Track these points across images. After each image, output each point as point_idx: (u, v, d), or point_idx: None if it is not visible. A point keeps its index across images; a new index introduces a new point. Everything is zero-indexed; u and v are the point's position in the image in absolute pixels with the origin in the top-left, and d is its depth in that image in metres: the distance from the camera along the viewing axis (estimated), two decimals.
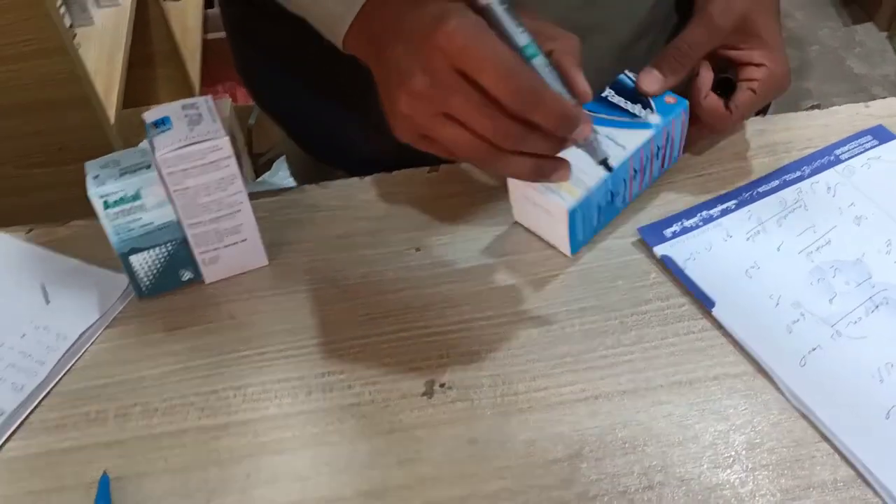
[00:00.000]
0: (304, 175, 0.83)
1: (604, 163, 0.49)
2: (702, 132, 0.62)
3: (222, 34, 1.85)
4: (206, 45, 1.73)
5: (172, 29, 1.47)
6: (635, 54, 0.65)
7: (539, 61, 0.45)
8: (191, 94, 1.55)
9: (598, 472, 0.47)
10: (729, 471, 0.47)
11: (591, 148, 0.48)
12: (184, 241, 0.55)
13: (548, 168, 0.47)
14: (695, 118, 0.60)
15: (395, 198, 0.63)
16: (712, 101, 0.59)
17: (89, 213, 0.63)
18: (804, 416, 0.49)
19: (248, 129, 1.75)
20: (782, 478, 0.46)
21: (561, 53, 0.46)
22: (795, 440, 0.48)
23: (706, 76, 0.60)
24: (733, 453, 0.48)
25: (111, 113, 1.04)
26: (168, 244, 0.55)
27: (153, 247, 0.55)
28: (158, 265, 0.56)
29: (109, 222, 0.53)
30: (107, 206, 0.52)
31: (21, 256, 0.60)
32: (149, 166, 0.52)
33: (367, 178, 0.65)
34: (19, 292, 0.58)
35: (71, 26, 1.15)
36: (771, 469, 0.47)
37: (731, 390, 0.50)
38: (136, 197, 0.52)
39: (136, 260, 0.55)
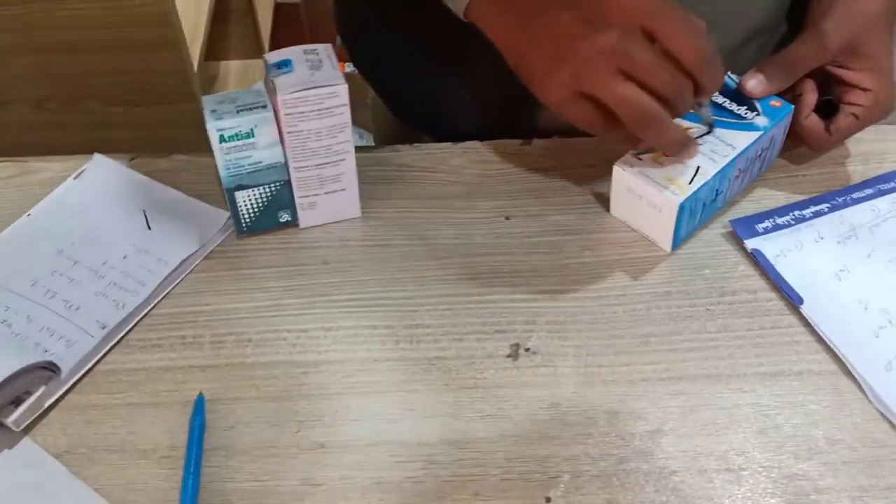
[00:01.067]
0: (388, 139, 0.84)
1: (710, 126, 0.57)
2: (797, 145, 0.63)
3: None
4: (278, 9, 1.75)
5: None
6: (745, 56, 0.65)
7: None
8: (260, 55, 1.57)
9: (677, 450, 0.48)
10: (808, 463, 0.48)
11: (705, 113, 0.56)
12: (287, 183, 0.57)
13: (691, 143, 0.54)
14: (792, 132, 0.61)
15: (486, 166, 0.64)
16: (813, 122, 0.60)
17: (171, 148, 0.64)
18: (886, 419, 0.49)
19: None
20: (861, 475, 0.47)
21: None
22: (876, 441, 0.49)
23: (810, 97, 0.60)
24: (814, 447, 0.48)
25: (195, 60, 1.06)
26: (272, 185, 0.57)
27: (258, 185, 0.56)
28: (260, 204, 0.57)
29: (222, 156, 0.54)
30: (222, 140, 0.53)
31: (124, 182, 0.62)
32: (264, 106, 0.54)
33: (460, 145, 0.66)
34: (121, 215, 0.60)
35: None
36: (850, 466, 0.48)
37: (815, 387, 0.51)
38: (249, 134, 0.54)
39: (240, 196, 0.56)
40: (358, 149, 0.66)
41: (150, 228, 0.59)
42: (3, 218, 0.60)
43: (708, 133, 0.57)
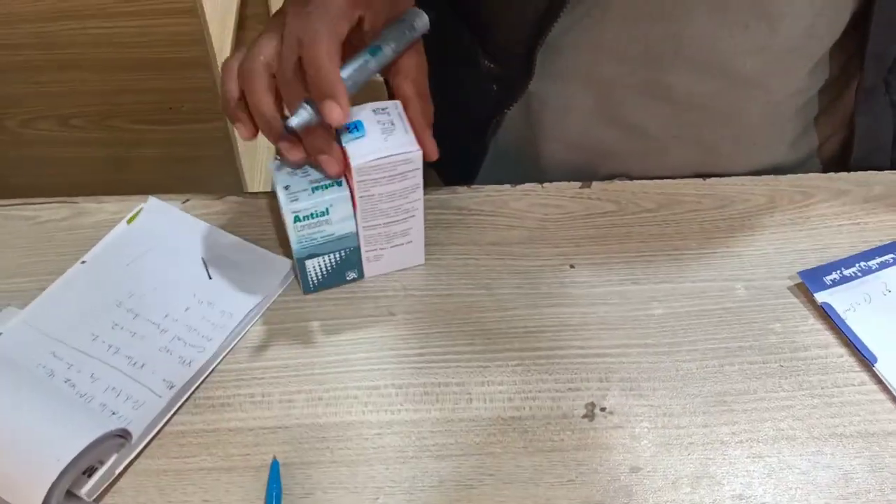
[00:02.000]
0: None
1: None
2: None
3: None
4: None
5: None
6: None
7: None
8: None
9: None
10: None
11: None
12: (357, 248, 0.56)
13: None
14: None
15: (546, 210, 0.63)
16: None
17: (201, 173, 0.63)
18: None
19: None
20: None
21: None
22: None
23: None
24: None
25: None
26: (343, 250, 0.55)
27: (329, 253, 0.55)
28: (330, 267, 0.56)
29: (296, 233, 0.53)
30: (297, 220, 0.52)
31: (179, 227, 0.61)
32: (340, 182, 0.53)
33: (519, 187, 0.65)
34: (180, 264, 0.58)
35: None
36: None
37: (893, 448, 0.51)
38: (325, 213, 0.53)
39: (310, 263, 0.55)
40: None
41: (210, 278, 0.58)
42: (57, 263, 0.59)
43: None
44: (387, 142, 0.51)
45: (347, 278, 0.58)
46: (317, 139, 0.51)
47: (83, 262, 0.58)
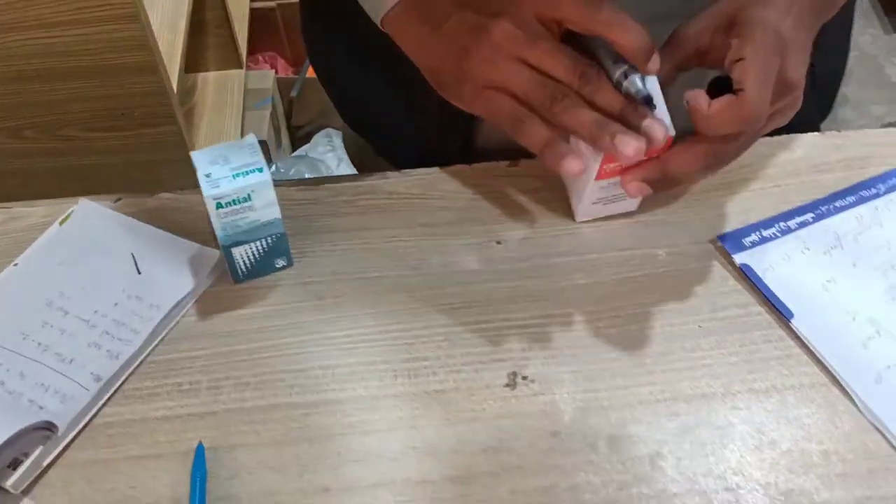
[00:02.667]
0: (355, 151, 0.85)
1: (646, 99, 0.49)
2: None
3: (269, 3, 1.86)
4: (252, 15, 1.73)
5: None
6: None
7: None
8: (238, 63, 1.56)
9: (677, 472, 0.49)
10: (804, 478, 0.49)
11: (634, 86, 0.50)
12: (283, 235, 0.57)
13: (606, 124, 0.49)
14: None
15: (475, 190, 0.64)
16: (695, 98, 0.51)
17: (154, 175, 0.64)
18: (878, 430, 0.50)
19: (289, 100, 1.75)
20: (857, 488, 0.48)
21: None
22: (869, 452, 0.49)
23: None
24: (809, 461, 0.49)
25: (174, 80, 1.06)
26: (269, 237, 0.56)
27: (255, 240, 0.56)
28: (257, 255, 0.57)
29: (219, 220, 0.54)
30: (219, 206, 0.53)
31: (110, 225, 0.62)
32: (261, 169, 0.54)
33: (448, 169, 0.66)
34: (110, 261, 0.59)
35: None
36: (846, 479, 0.48)
37: (808, 400, 0.52)
38: (247, 199, 0.54)
39: (237, 251, 0.56)
40: (346, 177, 0.67)
41: (139, 272, 0.59)
42: None
43: (650, 107, 0.49)
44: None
45: (277, 266, 0.59)
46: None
47: (15, 264, 0.59)
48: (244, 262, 0.57)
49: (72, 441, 0.51)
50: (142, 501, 0.48)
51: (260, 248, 0.57)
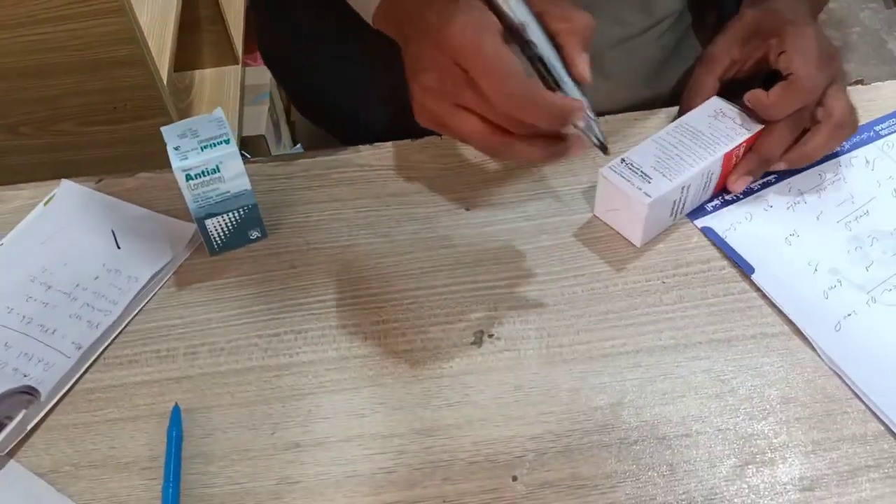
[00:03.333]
0: (310, 144, 0.86)
1: (601, 146, 0.49)
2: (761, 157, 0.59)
3: None
4: (248, 12, 1.75)
5: None
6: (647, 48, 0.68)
7: (538, 40, 0.47)
8: (234, 60, 1.58)
9: (637, 420, 0.50)
10: (763, 422, 0.50)
11: (589, 131, 0.48)
12: (255, 206, 0.59)
13: (559, 150, 0.48)
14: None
15: (446, 160, 0.66)
16: (753, 94, 0.58)
17: (147, 165, 0.66)
18: (837, 375, 0.51)
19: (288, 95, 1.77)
20: (814, 430, 0.49)
21: (567, 34, 0.48)
22: (828, 396, 0.50)
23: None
24: (768, 406, 0.50)
25: (164, 74, 1.08)
26: (241, 209, 0.58)
27: (227, 211, 0.58)
28: (230, 227, 0.59)
29: (190, 192, 0.55)
30: (188, 178, 0.55)
31: (92, 204, 0.64)
32: (227, 140, 0.55)
33: (419, 141, 0.67)
34: (91, 237, 0.61)
35: None
36: (803, 422, 0.49)
37: (768, 349, 0.53)
38: (216, 170, 0.55)
39: (210, 223, 0.58)
40: (320, 152, 0.68)
41: (119, 248, 0.60)
42: None
43: (604, 152, 0.49)
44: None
45: (251, 237, 0.61)
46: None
47: (1, 244, 0.61)
48: (218, 234, 0.59)
49: (55, 406, 0.53)
50: (120, 460, 0.50)
51: (233, 219, 0.59)
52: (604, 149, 0.49)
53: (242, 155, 0.56)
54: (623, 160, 0.57)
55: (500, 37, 0.46)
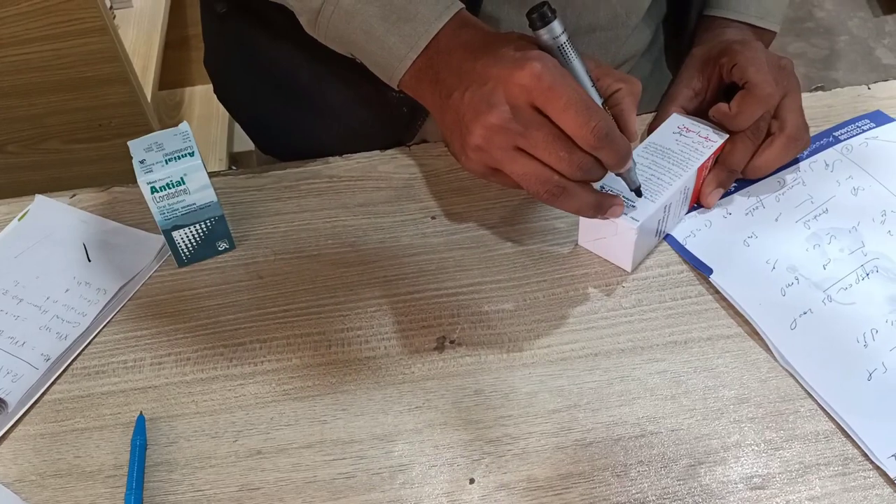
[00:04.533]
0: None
1: (637, 190, 0.55)
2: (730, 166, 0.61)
3: None
4: None
5: None
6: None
7: (595, 97, 0.51)
8: None
9: (593, 422, 0.51)
10: (717, 422, 0.50)
11: (629, 177, 0.54)
12: (221, 218, 0.60)
13: (606, 203, 0.52)
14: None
15: (412, 170, 0.67)
16: (716, 109, 0.60)
17: (129, 181, 0.67)
18: (791, 375, 0.52)
19: None
20: (767, 430, 0.50)
21: (624, 94, 0.52)
22: (781, 396, 0.51)
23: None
24: (722, 407, 0.51)
25: (148, 92, 1.09)
26: (208, 220, 0.59)
27: (194, 223, 0.59)
28: (198, 238, 0.60)
29: (155, 204, 0.57)
30: (154, 191, 0.56)
31: (65, 218, 0.65)
32: (192, 153, 0.56)
33: (388, 151, 0.68)
34: (63, 251, 0.62)
35: (111, 8, 1.21)
36: (757, 422, 0.50)
37: (723, 350, 0.53)
38: (180, 182, 0.56)
39: (177, 235, 0.59)
40: (290, 164, 0.69)
41: (89, 260, 0.62)
42: None
43: (638, 196, 0.55)
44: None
45: (219, 249, 0.62)
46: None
47: None
48: (186, 245, 0.60)
49: (22, 417, 0.54)
50: (85, 469, 0.51)
51: (200, 231, 0.60)
52: (638, 192, 0.55)
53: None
54: (602, 188, 0.57)
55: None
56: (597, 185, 0.55)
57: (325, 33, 0.56)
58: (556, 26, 0.50)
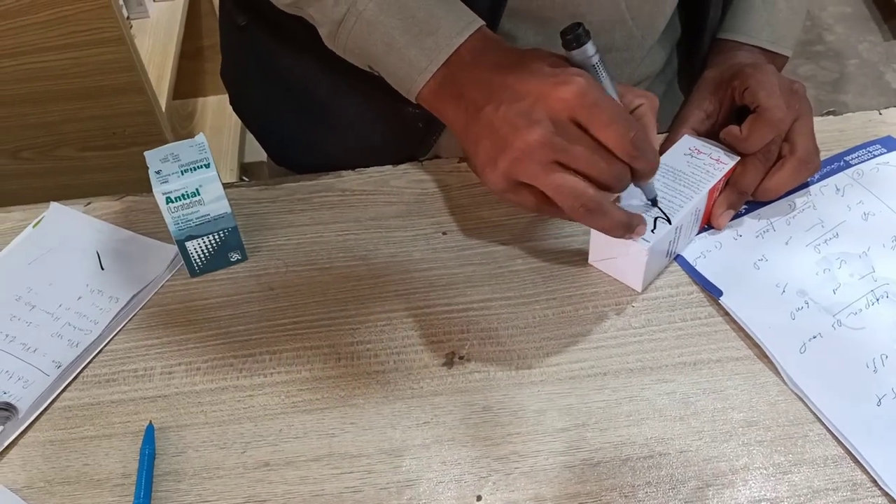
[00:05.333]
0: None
1: (653, 200, 0.56)
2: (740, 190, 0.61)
3: None
4: None
5: None
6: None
7: None
8: None
9: (601, 441, 0.51)
10: (725, 445, 0.50)
11: (649, 188, 0.56)
12: (234, 229, 0.60)
13: (635, 222, 0.53)
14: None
15: (424, 185, 0.67)
16: (727, 131, 0.60)
17: (141, 190, 0.68)
18: (800, 399, 0.52)
19: None
20: (776, 453, 0.49)
21: (646, 109, 0.54)
22: (790, 420, 0.51)
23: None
24: (730, 429, 0.51)
25: (162, 102, 1.10)
26: (221, 231, 0.60)
27: (208, 234, 0.59)
28: (211, 249, 0.60)
29: (170, 214, 0.57)
30: (169, 201, 0.56)
31: (79, 226, 0.65)
32: (208, 165, 0.57)
33: (400, 167, 0.69)
34: (77, 258, 0.63)
35: (128, 18, 1.22)
36: (765, 445, 0.50)
37: (733, 372, 0.53)
38: (195, 193, 0.57)
39: (191, 245, 0.59)
40: (304, 177, 0.70)
41: (102, 268, 0.62)
42: None
43: (654, 205, 0.56)
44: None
45: (231, 259, 0.62)
46: None
47: None
48: (198, 256, 0.60)
49: (33, 423, 0.54)
50: (94, 477, 0.51)
51: (213, 242, 0.60)
52: (654, 202, 0.57)
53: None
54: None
55: None
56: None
57: (344, 45, 0.56)
58: (590, 47, 0.51)
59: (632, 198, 0.57)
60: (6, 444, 0.52)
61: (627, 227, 0.53)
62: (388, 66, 0.55)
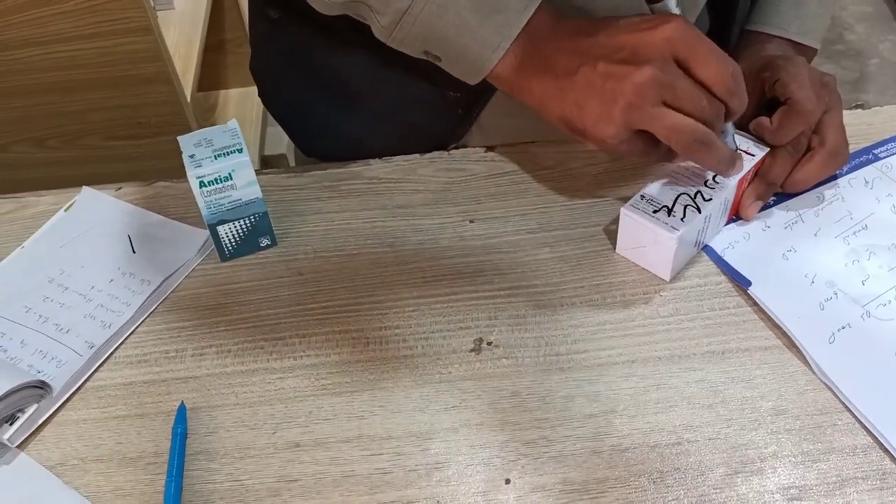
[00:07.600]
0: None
1: (734, 150, 0.57)
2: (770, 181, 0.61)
3: None
4: None
5: (245, 17, 1.54)
6: None
7: None
8: None
9: (630, 428, 0.51)
10: (754, 433, 0.50)
11: (729, 139, 0.58)
12: (265, 214, 0.61)
13: (737, 157, 0.56)
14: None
15: (452, 174, 0.68)
16: (757, 122, 0.61)
17: (166, 178, 0.69)
18: (829, 388, 0.52)
19: None
20: (804, 442, 0.50)
21: None
22: (819, 409, 0.51)
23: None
24: (759, 418, 0.51)
25: (188, 92, 1.11)
26: (252, 216, 0.60)
27: (239, 219, 0.60)
28: (241, 234, 0.61)
29: (203, 199, 0.58)
30: (202, 185, 0.57)
31: (110, 210, 0.66)
32: (241, 150, 0.58)
33: (427, 155, 0.69)
34: (109, 242, 0.64)
35: (153, 8, 1.23)
36: (794, 434, 0.50)
37: (762, 362, 0.53)
38: (228, 178, 0.57)
39: (222, 230, 0.60)
40: (331, 165, 0.70)
41: (134, 252, 0.63)
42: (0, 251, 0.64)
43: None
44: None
45: (261, 245, 0.63)
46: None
47: (22, 247, 0.64)
48: (229, 240, 0.61)
49: (66, 402, 0.55)
50: (126, 455, 0.52)
51: (244, 226, 0.61)
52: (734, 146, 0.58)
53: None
54: (643, 196, 0.58)
55: None
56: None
57: (407, 32, 0.56)
58: (672, 2, 0.54)
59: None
60: (41, 421, 0.53)
61: (731, 162, 0.55)
62: (458, 48, 0.55)
